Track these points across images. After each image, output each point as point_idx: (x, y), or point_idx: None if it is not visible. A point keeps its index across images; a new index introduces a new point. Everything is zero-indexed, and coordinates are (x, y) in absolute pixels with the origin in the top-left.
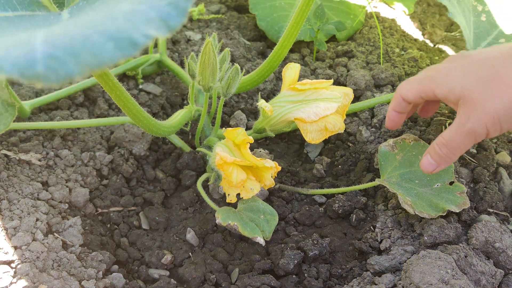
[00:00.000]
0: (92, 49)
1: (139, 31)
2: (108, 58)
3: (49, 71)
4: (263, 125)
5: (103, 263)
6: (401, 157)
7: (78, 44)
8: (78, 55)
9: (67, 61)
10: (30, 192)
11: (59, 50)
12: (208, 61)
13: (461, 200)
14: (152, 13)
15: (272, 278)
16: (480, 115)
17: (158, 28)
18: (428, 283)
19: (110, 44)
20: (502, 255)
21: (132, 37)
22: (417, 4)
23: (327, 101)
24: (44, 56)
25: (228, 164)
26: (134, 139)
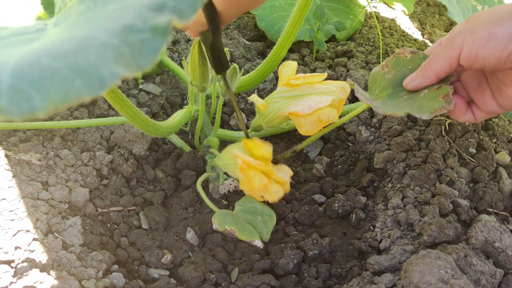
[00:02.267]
0: (59, 85)
1: (108, 68)
2: (75, 96)
3: (12, 105)
4: (260, 122)
5: (103, 262)
6: (392, 76)
7: (46, 78)
8: (44, 90)
9: (32, 96)
10: (30, 192)
11: (26, 83)
12: (197, 61)
13: (439, 104)
14: (125, 49)
15: (272, 277)
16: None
17: (127, 66)
18: (427, 282)
19: (79, 81)
20: (501, 254)
21: (101, 75)
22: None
23: (322, 94)
24: (9, 88)
25: (251, 168)
26: (134, 139)
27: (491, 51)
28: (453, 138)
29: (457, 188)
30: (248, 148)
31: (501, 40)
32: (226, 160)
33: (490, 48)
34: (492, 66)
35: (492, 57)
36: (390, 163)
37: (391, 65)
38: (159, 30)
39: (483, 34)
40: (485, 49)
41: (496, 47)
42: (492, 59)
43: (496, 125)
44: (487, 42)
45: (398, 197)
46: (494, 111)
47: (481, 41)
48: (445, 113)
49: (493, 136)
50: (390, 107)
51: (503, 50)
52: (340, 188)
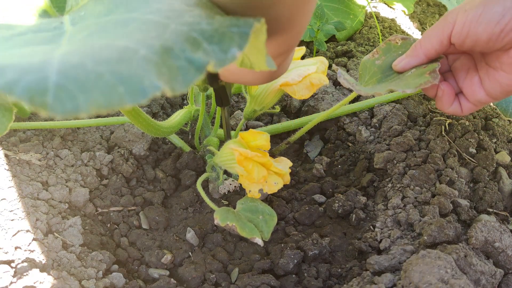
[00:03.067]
0: (103, 89)
1: (150, 80)
2: (117, 102)
3: (58, 102)
4: (252, 106)
5: (103, 262)
6: (382, 61)
7: (92, 81)
8: (89, 92)
9: (77, 96)
10: (30, 192)
11: (72, 83)
12: None
13: (424, 79)
14: (164, 69)
15: (272, 277)
16: None
17: (166, 83)
18: (427, 282)
19: (121, 88)
20: (501, 254)
21: (143, 85)
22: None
23: (305, 66)
24: (56, 86)
25: (249, 160)
26: (134, 139)
27: (483, 27)
28: (453, 138)
29: (457, 188)
30: (244, 140)
31: (494, 16)
32: (224, 156)
33: (483, 24)
34: (484, 43)
35: (484, 33)
36: (390, 163)
37: (381, 51)
38: (195, 64)
39: (476, 10)
40: (477, 25)
41: (489, 23)
42: (484, 36)
43: (496, 125)
44: (480, 18)
45: (398, 197)
46: (482, 100)
47: (474, 17)
48: (444, 113)
49: (493, 136)
50: (374, 89)
51: (495, 26)
52: (340, 188)
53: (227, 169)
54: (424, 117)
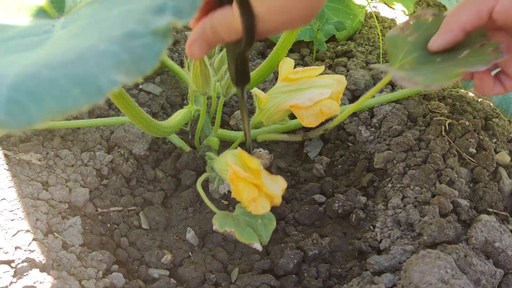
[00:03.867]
0: (57, 95)
1: (107, 76)
2: (72, 106)
3: (10, 117)
4: (260, 118)
5: (103, 262)
6: (416, 38)
7: (44, 89)
8: (41, 101)
9: (29, 108)
10: (30, 192)
11: (23, 95)
12: (200, 72)
13: (490, 56)
14: (125, 55)
15: (272, 277)
16: None
17: (128, 72)
18: (427, 282)
19: (76, 90)
20: (501, 254)
21: (100, 83)
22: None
23: (320, 87)
24: (7, 100)
25: (240, 180)
26: (134, 139)
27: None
28: (453, 138)
29: (457, 188)
30: (242, 157)
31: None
32: (220, 165)
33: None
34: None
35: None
36: (390, 163)
37: (411, 27)
38: (160, 33)
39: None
40: None
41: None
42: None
43: (496, 125)
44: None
45: (398, 197)
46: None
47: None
48: (444, 113)
49: (493, 136)
50: (427, 75)
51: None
52: (340, 188)
53: (223, 178)
54: (424, 117)
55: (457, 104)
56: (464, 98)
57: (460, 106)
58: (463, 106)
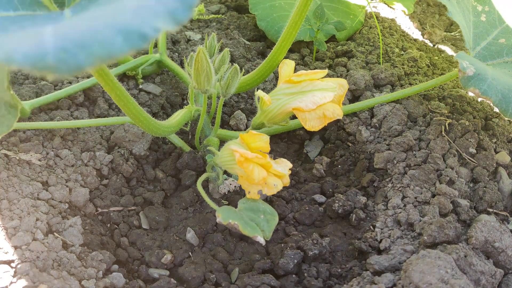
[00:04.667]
0: (102, 42)
1: (147, 24)
2: (118, 50)
3: (60, 62)
4: (262, 119)
5: (103, 262)
6: None
7: (88, 37)
8: (88, 47)
9: (78, 53)
10: (30, 192)
11: (69, 43)
12: (201, 68)
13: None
14: (160, 8)
15: (272, 277)
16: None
17: (166, 21)
18: (427, 282)
19: (120, 37)
20: (501, 254)
21: (141, 30)
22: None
23: (323, 91)
24: (55, 48)
25: (249, 161)
26: (134, 139)
27: None
28: (453, 138)
29: (457, 188)
30: (245, 142)
31: None
32: (224, 157)
33: None
34: None
35: None
36: (390, 163)
37: None
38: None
39: None
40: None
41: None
42: None
43: (496, 125)
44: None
45: (398, 197)
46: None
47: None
48: (445, 113)
49: (493, 136)
50: None
51: None
52: (340, 188)
53: (227, 169)
54: (424, 117)
55: (457, 104)
56: (464, 98)
57: (460, 106)
58: (463, 106)
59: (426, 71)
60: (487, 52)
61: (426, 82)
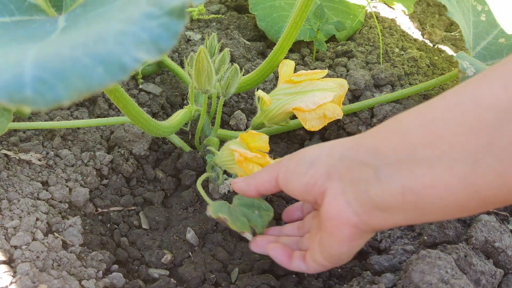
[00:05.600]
0: (81, 73)
1: (129, 54)
2: (98, 83)
3: (37, 95)
4: (262, 119)
5: (103, 262)
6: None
7: (68, 68)
8: (67, 79)
9: (56, 86)
10: (30, 192)
11: (48, 74)
12: (202, 68)
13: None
14: (144, 35)
15: (272, 277)
16: None
17: (148, 51)
18: (428, 282)
19: (100, 68)
20: (502, 254)
21: (122, 61)
22: (417, 4)
23: (323, 91)
24: (33, 79)
25: (249, 161)
26: (134, 139)
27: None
28: None
29: None
30: (244, 141)
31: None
32: (224, 157)
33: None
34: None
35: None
36: None
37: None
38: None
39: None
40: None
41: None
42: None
43: None
44: (295, 169)
45: None
46: (320, 262)
47: (291, 167)
48: None
49: None
50: None
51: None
52: None
53: (227, 169)
54: None
55: None
56: None
57: None
58: None
59: (426, 71)
60: (487, 52)
61: (426, 82)
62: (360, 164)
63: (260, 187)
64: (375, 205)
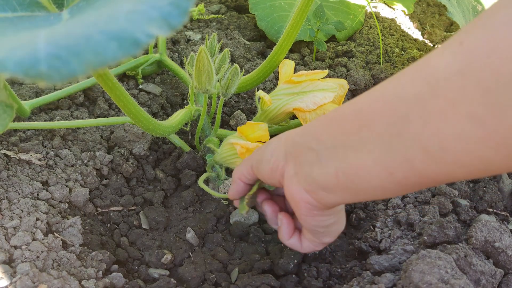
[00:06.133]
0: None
1: (141, 30)
2: (111, 57)
3: (52, 70)
4: (262, 119)
5: (103, 262)
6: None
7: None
8: (81, 54)
9: (70, 61)
10: (30, 192)
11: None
12: (202, 68)
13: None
14: (154, 13)
15: (272, 277)
16: None
17: (160, 27)
18: (427, 282)
19: (113, 44)
20: (501, 255)
21: (135, 36)
22: (417, 4)
23: (324, 91)
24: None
25: (251, 152)
26: (134, 139)
27: (261, 166)
28: None
29: (457, 188)
30: (244, 134)
31: (266, 156)
32: (224, 152)
33: (262, 164)
34: (266, 178)
35: (263, 170)
36: None
37: None
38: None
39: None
40: (260, 165)
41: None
42: (264, 172)
43: None
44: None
45: (398, 196)
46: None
47: (258, 157)
48: None
49: None
50: None
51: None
52: None
53: (229, 165)
54: None
55: None
56: None
57: None
58: None
59: None
60: None
61: None
62: (307, 149)
63: (242, 178)
64: (318, 185)
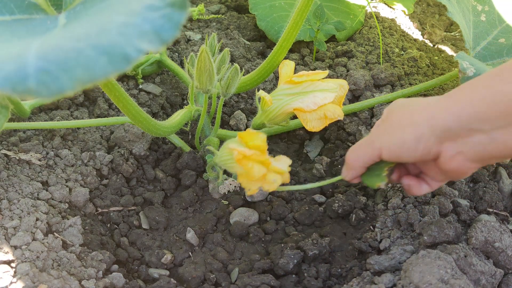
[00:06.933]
0: (85, 64)
1: (132, 44)
2: (101, 73)
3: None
4: (262, 119)
5: (103, 262)
6: None
7: (71, 59)
8: (70, 70)
9: (60, 76)
10: (30, 192)
11: (52, 64)
12: (203, 68)
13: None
14: (146, 26)
15: (272, 277)
16: None
17: (151, 41)
18: (427, 282)
19: (103, 59)
20: (501, 254)
21: (125, 51)
22: (417, 4)
23: (324, 91)
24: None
25: (248, 159)
26: (134, 139)
27: (406, 153)
28: None
29: (457, 188)
30: (243, 140)
31: (411, 145)
32: (223, 156)
33: (404, 151)
34: (412, 161)
35: (408, 157)
36: None
37: None
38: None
39: (395, 141)
40: (402, 153)
41: (409, 150)
42: (410, 158)
43: None
44: (401, 148)
45: (398, 197)
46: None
47: (396, 147)
48: None
49: None
50: None
51: (415, 151)
52: (340, 188)
53: (227, 168)
54: None
55: None
56: None
57: None
58: None
59: (426, 71)
60: (487, 52)
61: (426, 82)
62: (470, 131)
63: (361, 163)
64: (492, 156)
